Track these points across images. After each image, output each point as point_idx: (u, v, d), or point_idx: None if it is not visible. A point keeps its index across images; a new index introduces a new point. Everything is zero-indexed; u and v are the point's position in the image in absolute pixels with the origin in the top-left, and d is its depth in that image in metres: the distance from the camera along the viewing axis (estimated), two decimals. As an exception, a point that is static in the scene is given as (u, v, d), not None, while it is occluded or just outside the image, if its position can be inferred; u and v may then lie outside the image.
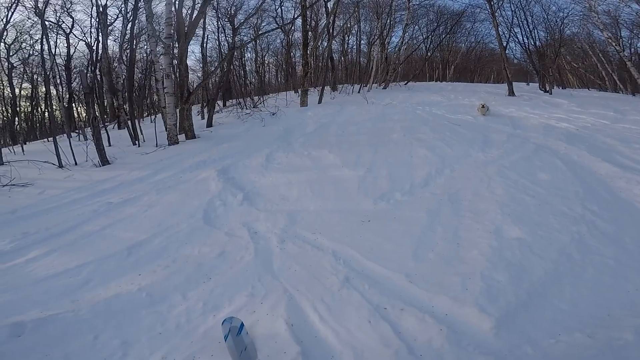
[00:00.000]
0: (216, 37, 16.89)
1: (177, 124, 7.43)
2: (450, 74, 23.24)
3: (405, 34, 16.68)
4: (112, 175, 5.41)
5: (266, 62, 23.78)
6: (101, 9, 11.41)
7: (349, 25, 17.77)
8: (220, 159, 5.68)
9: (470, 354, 1.81)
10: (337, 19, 16.25)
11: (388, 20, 16.48)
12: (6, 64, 13.93)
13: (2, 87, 14.80)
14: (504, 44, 14.11)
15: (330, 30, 14.43)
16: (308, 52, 11.77)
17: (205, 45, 15.07)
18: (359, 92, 14.66)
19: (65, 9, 13.15)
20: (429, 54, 20.60)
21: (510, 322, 2.01)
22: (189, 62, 9.23)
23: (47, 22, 10.46)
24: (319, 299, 2.30)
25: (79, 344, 2.09)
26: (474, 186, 4.00)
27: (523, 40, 15.22)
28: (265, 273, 2.65)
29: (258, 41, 19.35)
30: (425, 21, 19.64)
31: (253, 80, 21.57)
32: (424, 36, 19.77)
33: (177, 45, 7.88)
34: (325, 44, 15.11)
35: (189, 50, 8.41)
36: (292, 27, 17.94)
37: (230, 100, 15.04)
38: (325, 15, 15.15)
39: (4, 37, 11.81)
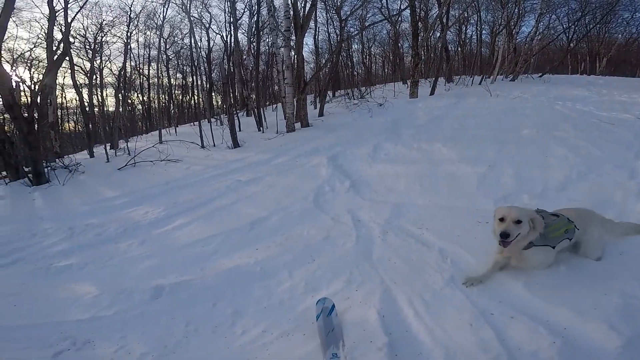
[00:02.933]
0: (326, 29, 17.45)
1: (295, 113, 8.05)
2: (602, 68, 19.01)
3: (539, 23, 14.29)
4: (242, 156, 6.24)
5: (372, 53, 23.54)
6: (229, 3, 12.81)
7: (466, 15, 16.12)
8: (330, 147, 5.95)
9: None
10: (452, 9, 14.93)
11: (516, 9, 14.36)
12: (164, 56, 17.03)
13: (160, 77, 18.18)
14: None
15: (445, 20, 13.36)
16: (418, 43, 11.18)
17: (317, 37, 15.75)
18: (479, 84, 13.27)
19: (204, 5, 15.11)
20: (571, 45, 17.21)
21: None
22: (303, 54, 9.80)
23: (192, 17, 12.37)
24: (417, 295, 2.21)
25: (200, 310, 2.36)
26: (628, 195, 3.23)
27: None
28: (364, 261, 2.67)
29: (364, 32, 19.22)
30: (565, 10, 16.44)
31: (360, 71, 21.67)
32: (564, 26, 16.57)
33: (294, 37, 8.42)
34: (439, 34, 14.07)
35: (303, 42, 8.89)
36: (399, 18, 17.23)
37: (339, 91, 15.44)
38: (437, 4, 14.08)
39: (162, 32, 14.59)
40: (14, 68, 11.14)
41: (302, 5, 9.63)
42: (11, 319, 2.53)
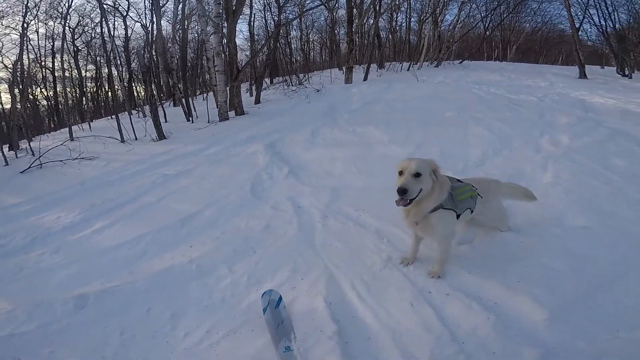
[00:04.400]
0: (263, 16, 16.91)
1: (228, 101, 7.67)
2: (512, 55, 21.33)
3: (461, 12, 15.45)
4: (168, 149, 5.77)
5: (311, 39, 23.48)
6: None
7: (397, 2, 16.79)
8: (267, 134, 5.79)
9: (517, 344, 1.70)
10: (385, -4, 15.44)
11: (442, -2, 15.36)
12: (72, 47, 15.17)
13: (70, 69, 16.17)
14: (577, 26, 12.63)
15: (377, 7, 13.77)
16: (353, 30, 11.39)
17: (252, 23, 15.16)
18: (408, 69, 13.98)
19: None
20: (487, 33, 18.95)
21: (566, 314, 1.85)
22: (237, 41, 9.36)
23: (105, 5, 11.14)
24: (359, 278, 2.24)
25: (134, 316, 2.18)
26: (536, 168, 3.67)
27: (600, 22, 13.47)
28: (307, 249, 2.65)
29: (303, 19, 19.05)
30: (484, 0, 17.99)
31: (298, 58, 21.49)
32: (482, 15, 18.15)
33: (226, 24, 8.00)
34: (372, 21, 14.48)
35: (237, 29, 8.50)
36: (337, 4, 17.36)
37: (277, 78, 15.14)
38: (371, -9, 14.46)
39: (68, 21, 12.85)
40: None
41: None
42: None
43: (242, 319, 2.06)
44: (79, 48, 16.08)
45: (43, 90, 17.14)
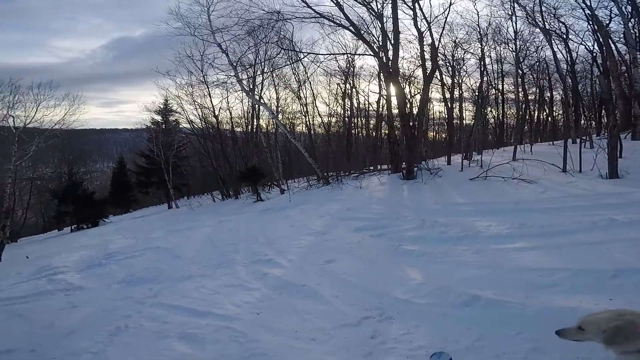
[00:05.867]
0: None
1: None
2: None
3: None
4: (621, 190, 4.85)
5: None
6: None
7: None
8: None
9: None
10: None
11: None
12: (519, 71, 15.78)
13: (516, 91, 16.76)
14: None
15: None
16: None
17: None
18: None
19: (554, 15, 12.40)
20: None
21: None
22: None
23: (543, 28, 10.53)
24: None
25: (502, 335, 2.28)
26: None
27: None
28: None
29: None
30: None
31: None
32: None
33: None
34: None
35: None
36: None
37: None
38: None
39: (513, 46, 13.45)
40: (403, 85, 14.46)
41: None
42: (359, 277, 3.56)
43: None
44: (524, 71, 16.74)
45: (492, 109, 19.76)
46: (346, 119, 16.88)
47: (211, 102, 15.18)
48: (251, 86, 14.02)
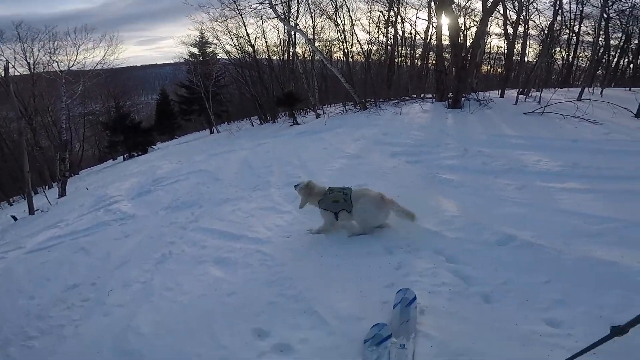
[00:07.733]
0: None
1: None
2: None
3: None
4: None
5: None
6: None
7: None
8: None
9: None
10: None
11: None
12: (605, 15, 13.49)
13: (593, 34, 14.71)
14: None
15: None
16: None
17: None
18: None
19: None
20: None
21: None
22: None
23: None
24: None
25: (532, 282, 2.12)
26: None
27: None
28: None
29: None
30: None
31: None
32: None
33: None
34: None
35: None
36: None
37: None
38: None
39: None
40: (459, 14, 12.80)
41: None
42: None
43: None
44: (610, 16, 14.24)
45: (561, 50, 17.40)
46: (389, 47, 15.67)
47: (246, 31, 15.17)
48: (286, 13, 13.54)
